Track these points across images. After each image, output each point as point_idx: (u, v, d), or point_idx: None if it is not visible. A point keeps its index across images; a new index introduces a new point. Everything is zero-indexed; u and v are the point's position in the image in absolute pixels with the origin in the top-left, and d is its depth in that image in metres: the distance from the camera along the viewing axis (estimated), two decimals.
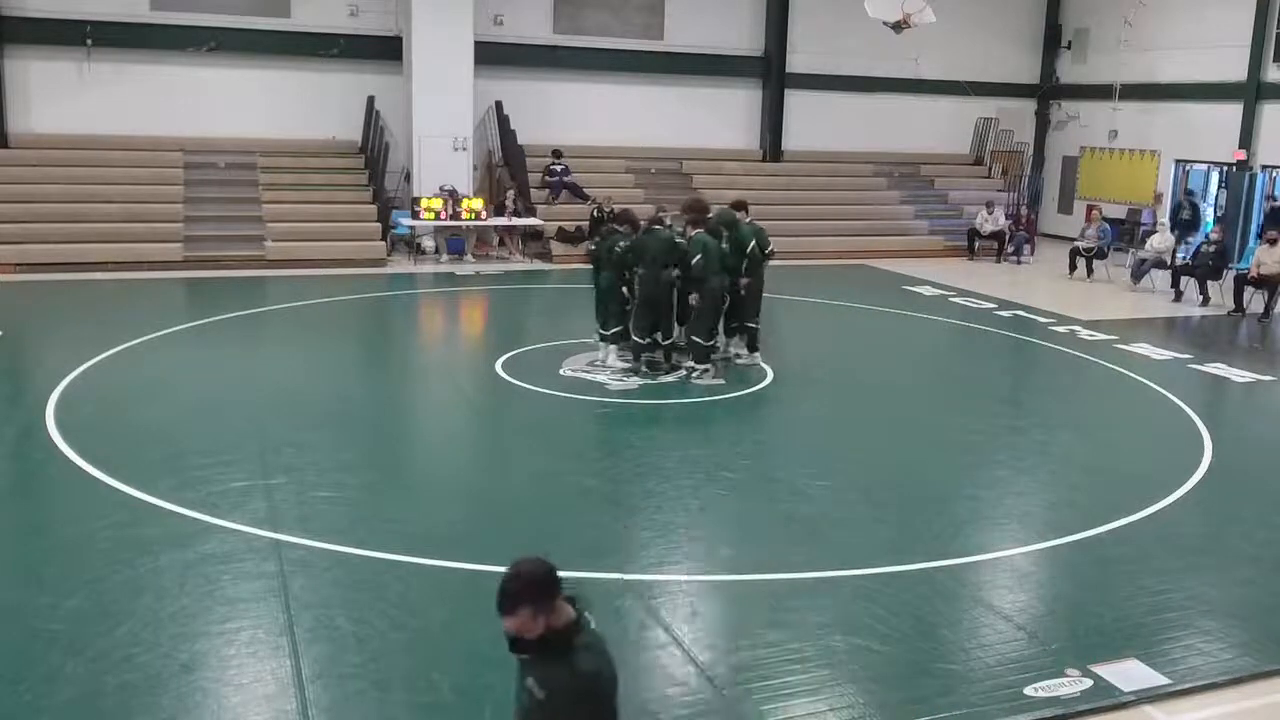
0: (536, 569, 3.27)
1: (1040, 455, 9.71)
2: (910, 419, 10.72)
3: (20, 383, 11.32)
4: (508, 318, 16.28)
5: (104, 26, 19.27)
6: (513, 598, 3.22)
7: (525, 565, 3.29)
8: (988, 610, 6.47)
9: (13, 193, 18.03)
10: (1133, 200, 23.46)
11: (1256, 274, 16.80)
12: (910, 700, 5.44)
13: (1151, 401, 11.57)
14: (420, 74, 19.73)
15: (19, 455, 8.84)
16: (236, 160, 20.06)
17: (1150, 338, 14.69)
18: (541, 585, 3.25)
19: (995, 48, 25.34)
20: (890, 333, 15.16)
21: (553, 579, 3.28)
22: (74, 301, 15.15)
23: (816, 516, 7.89)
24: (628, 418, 10.47)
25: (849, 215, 22.95)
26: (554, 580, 3.28)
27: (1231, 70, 21.38)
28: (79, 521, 7.39)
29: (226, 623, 5.98)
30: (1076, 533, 7.65)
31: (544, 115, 21.73)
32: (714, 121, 23.75)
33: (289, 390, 10.94)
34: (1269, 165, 21.28)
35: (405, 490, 8.49)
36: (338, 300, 15.83)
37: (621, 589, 6.54)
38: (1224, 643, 6.13)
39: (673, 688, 5.49)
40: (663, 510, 7.91)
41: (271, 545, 6.99)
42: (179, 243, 17.91)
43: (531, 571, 3.27)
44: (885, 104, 24.51)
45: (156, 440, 9.01)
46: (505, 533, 7.40)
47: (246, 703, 5.27)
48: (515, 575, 3.26)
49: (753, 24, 23.84)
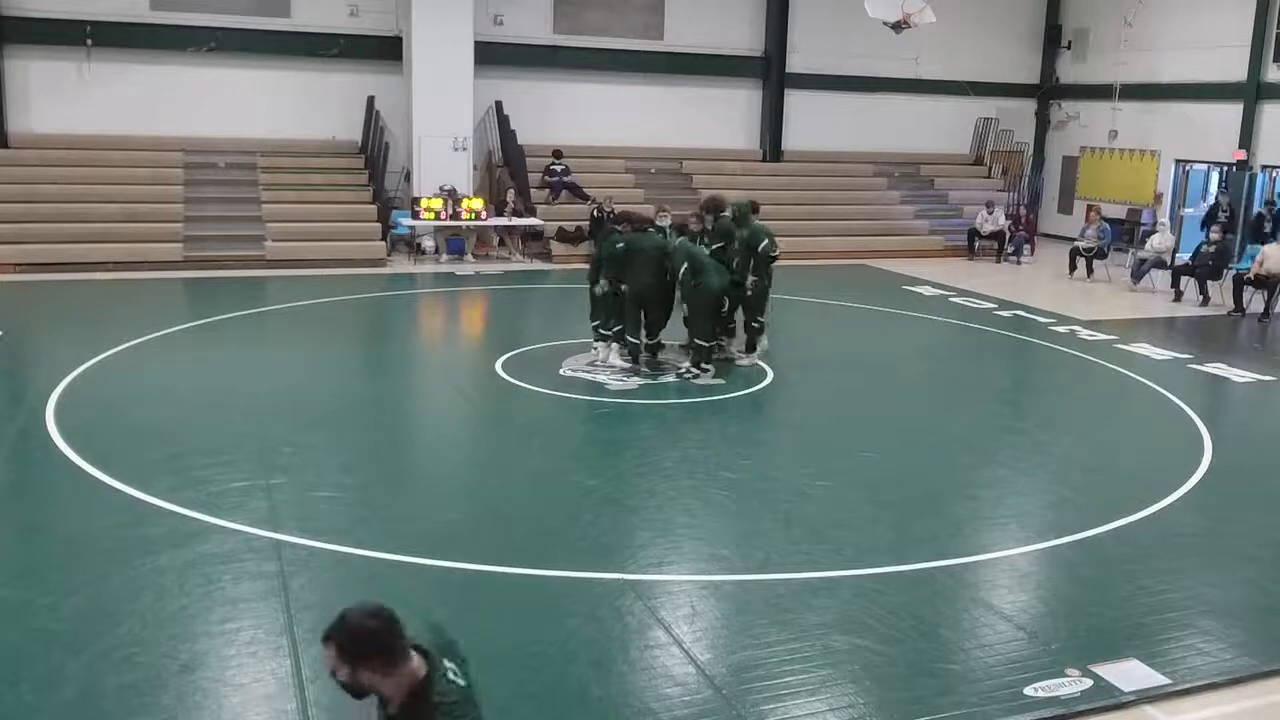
0: (362, 623, 2.87)
1: (1040, 455, 9.71)
2: (910, 419, 10.72)
3: (20, 383, 11.32)
4: (508, 317, 16.28)
5: (104, 26, 19.26)
6: (339, 652, 2.87)
7: (352, 615, 2.89)
8: (988, 610, 6.47)
9: (13, 193, 18.03)
10: (1133, 200, 23.46)
11: (1258, 272, 16.80)
12: (910, 700, 5.44)
13: (1151, 401, 11.57)
14: (420, 74, 19.72)
15: (19, 455, 8.84)
16: (236, 160, 20.06)
17: (1150, 338, 14.69)
18: (367, 642, 2.86)
19: (995, 48, 25.33)
20: (890, 333, 15.15)
21: (379, 636, 2.86)
22: (74, 301, 15.15)
23: (816, 516, 7.89)
24: (628, 418, 10.47)
25: (849, 215, 22.95)
26: (383, 637, 2.87)
27: (1231, 70, 21.38)
28: (79, 521, 7.39)
29: (226, 623, 5.98)
30: (1076, 533, 7.64)
31: (544, 115, 21.73)
32: (714, 121, 23.74)
33: (289, 390, 10.94)
34: (1269, 165, 21.28)
35: (405, 490, 8.49)
36: (338, 300, 15.83)
37: (621, 589, 6.54)
38: (1224, 643, 6.13)
39: (673, 688, 5.49)
40: (663, 510, 7.91)
41: (271, 545, 6.99)
42: (179, 243, 17.90)
43: (357, 625, 2.87)
44: (885, 104, 24.50)
45: (156, 440, 9.00)
46: (505, 533, 7.41)
47: (246, 703, 5.27)
48: (339, 627, 2.87)
49: (753, 24, 23.83)
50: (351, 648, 2.87)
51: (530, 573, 6.68)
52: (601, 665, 5.69)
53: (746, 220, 12.04)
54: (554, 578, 6.67)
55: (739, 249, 11.94)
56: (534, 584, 6.56)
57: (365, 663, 2.86)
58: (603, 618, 6.20)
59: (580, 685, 5.48)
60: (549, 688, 5.48)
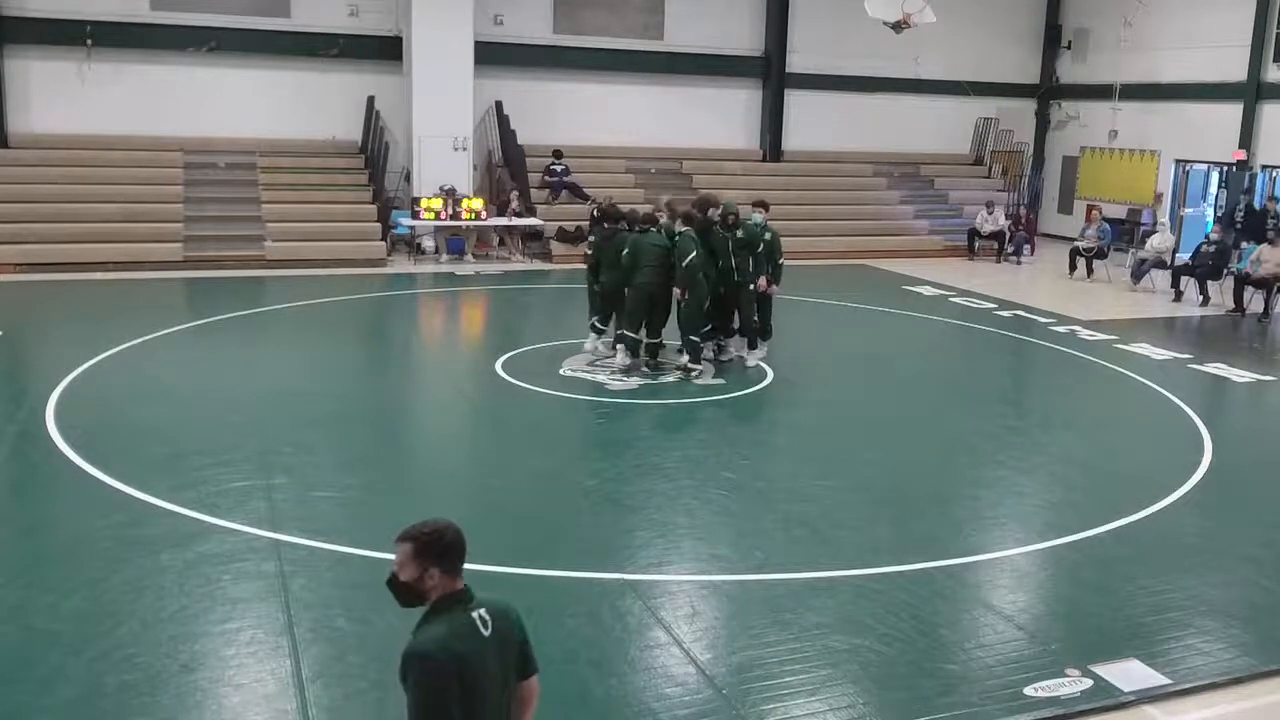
0: (445, 531, 3.30)
1: (1040, 455, 9.71)
2: (910, 419, 10.72)
3: (20, 383, 11.33)
4: (507, 317, 16.27)
5: (104, 26, 19.26)
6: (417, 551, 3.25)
7: (434, 522, 3.32)
8: (987, 610, 6.47)
9: (13, 193, 18.03)
10: (1133, 200, 23.46)
11: (1253, 272, 16.81)
12: (910, 700, 5.44)
13: (1151, 401, 11.57)
14: (420, 74, 19.73)
15: (19, 455, 8.84)
16: (236, 160, 20.06)
17: (1150, 338, 14.69)
18: (450, 546, 3.27)
19: (995, 48, 25.33)
20: (890, 333, 15.15)
21: (458, 544, 3.28)
22: (74, 301, 15.15)
23: (816, 517, 7.89)
24: (628, 418, 10.47)
25: (849, 215, 22.95)
26: (459, 547, 3.28)
27: (1231, 70, 21.38)
28: (79, 521, 7.39)
29: (226, 623, 5.98)
30: (1076, 533, 7.64)
31: (544, 115, 21.73)
32: (714, 121, 23.74)
33: (289, 390, 10.94)
34: (1269, 165, 21.28)
35: (405, 490, 8.49)
36: (338, 300, 15.83)
37: (621, 589, 6.54)
38: (1224, 643, 6.13)
39: (673, 688, 5.49)
40: (663, 510, 7.91)
41: (271, 545, 6.99)
42: (179, 243, 17.91)
43: (442, 529, 3.29)
44: (885, 104, 24.50)
45: (156, 440, 9.01)
46: (505, 533, 7.40)
47: (246, 703, 5.27)
48: (421, 527, 3.28)
49: (753, 24, 23.84)
50: (433, 547, 3.23)
51: (530, 573, 6.67)
52: (601, 665, 5.69)
53: (730, 219, 11.89)
54: (554, 578, 6.67)
55: (735, 249, 11.82)
56: (534, 584, 6.56)
57: (438, 563, 3.22)
58: (603, 618, 6.20)
59: (580, 685, 5.48)
60: (549, 688, 5.43)
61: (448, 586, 3.25)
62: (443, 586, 3.25)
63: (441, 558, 3.25)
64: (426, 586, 3.24)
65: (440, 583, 3.24)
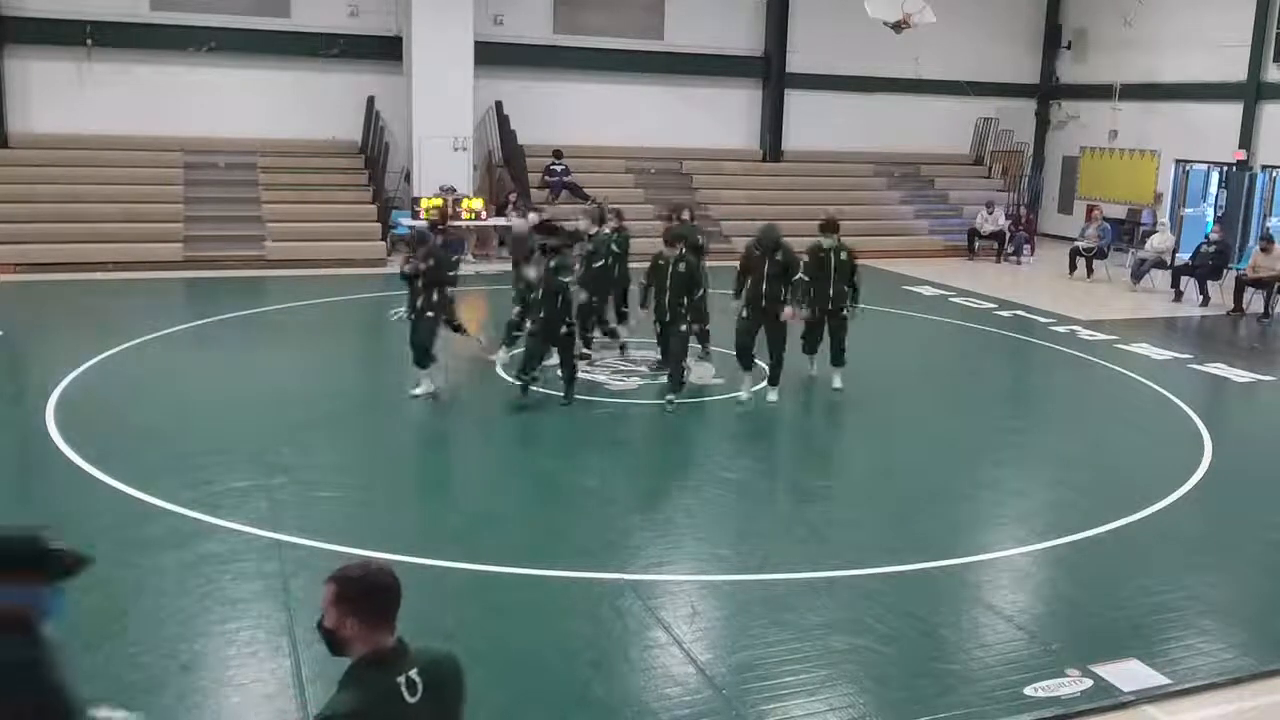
0: (376, 575, 2.92)
1: (1040, 455, 9.72)
2: (910, 419, 10.72)
3: (20, 383, 11.32)
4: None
5: (104, 26, 19.24)
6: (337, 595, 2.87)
7: (363, 564, 2.96)
8: (988, 610, 6.47)
9: (13, 193, 18.01)
10: (1133, 200, 23.45)
11: (1251, 275, 16.83)
12: (910, 700, 5.44)
13: (1151, 401, 11.57)
14: (420, 74, 19.72)
15: (19, 455, 8.84)
16: (236, 160, 20.04)
17: (1150, 338, 14.69)
18: (369, 592, 2.87)
19: (995, 48, 25.31)
20: (890, 333, 15.14)
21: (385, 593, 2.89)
22: (74, 301, 15.14)
23: (816, 516, 7.89)
24: (628, 418, 10.47)
25: (849, 215, 22.65)
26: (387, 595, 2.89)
27: (1231, 70, 21.36)
28: (79, 521, 7.37)
29: (226, 623, 5.99)
30: (1076, 533, 7.65)
31: (544, 115, 21.72)
32: (714, 121, 23.73)
33: (289, 390, 10.94)
34: (1269, 165, 21.27)
35: (405, 490, 8.50)
36: (338, 300, 15.83)
37: (621, 589, 6.54)
38: (1224, 643, 6.13)
39: (673, 688, 5.49)
40: (663, 510, 7.92)
41: (272, 545, 6.99)
42: (179, 243, 17.90)
43: (365, 573, 2.92)
44: (885, 104, 24.48)
45: (156, 440, 9.01)
46: (505, 533, 7.41)
47: (246, 703, 5.27)
48: (346, 570, 2.92)
49: (753, 24, 23.83)
50: (347, 592, 2.84)
51: (530, 573, 6.68)
52: (601, 665, 5.69)
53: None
54: (554, 578, 6.67)
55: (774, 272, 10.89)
56: (534, 584, 6.56)
57: (354, 613, 2.82)
58: (603, 618, 6.21)
59: (580, 685, 5.48)
60: (549, 688, 5.48)
61: (369, 642, 2.82)
62: (363, 641, 2.82)
63: (357, 606, 2.81)
64: (344, 637, 2.83)
65: (358, 635, 2.81)
